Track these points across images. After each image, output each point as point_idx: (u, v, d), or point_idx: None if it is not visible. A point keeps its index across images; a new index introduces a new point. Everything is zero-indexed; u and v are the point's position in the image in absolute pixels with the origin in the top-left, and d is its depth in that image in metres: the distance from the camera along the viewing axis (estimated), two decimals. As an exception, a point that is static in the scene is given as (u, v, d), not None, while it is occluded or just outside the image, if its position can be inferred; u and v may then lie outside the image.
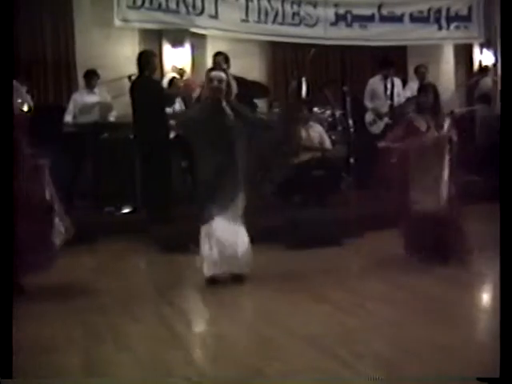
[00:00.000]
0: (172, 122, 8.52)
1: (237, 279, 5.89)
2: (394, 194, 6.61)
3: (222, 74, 5.86)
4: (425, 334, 4.50)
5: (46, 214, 5.62)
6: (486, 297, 5.70)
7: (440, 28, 12.51)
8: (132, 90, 8.20)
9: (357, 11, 12.08)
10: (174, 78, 9.89)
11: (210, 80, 5.83)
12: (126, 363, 4.20)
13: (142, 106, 7.97)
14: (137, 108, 8.10)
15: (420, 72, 11.01)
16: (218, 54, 8.75)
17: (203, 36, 11.38)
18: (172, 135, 8.73)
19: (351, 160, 9.85)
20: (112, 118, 9.82)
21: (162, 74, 10.47)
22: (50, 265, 5.70)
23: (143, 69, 8.14)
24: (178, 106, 9.40)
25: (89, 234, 7.90)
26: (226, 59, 8.54)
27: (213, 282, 5.85)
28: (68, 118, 9.52)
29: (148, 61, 8.17)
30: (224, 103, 5.75)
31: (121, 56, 10.88)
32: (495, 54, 12.54)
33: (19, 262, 5.36)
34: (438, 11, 12.39)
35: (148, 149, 7.92)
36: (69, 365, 4.18)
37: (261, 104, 10.29)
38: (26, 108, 9.12)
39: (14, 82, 6.69)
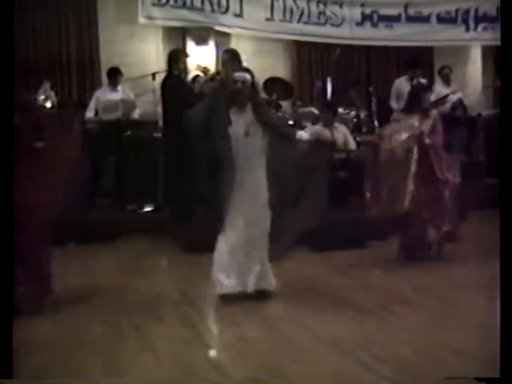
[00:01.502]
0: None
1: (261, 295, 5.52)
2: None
3: (247, 75, 5.51)
4: (445, 337, 4.46)
5: None
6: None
7: (468, 29, 12.36)
8: (162, 88, 8.15)
9: (383, 11, 12.00)
10: (197, 76, 9.85)
11: (233, 82, 5.52)
12: (148, 363, 4.18)
13: (171, 105, 7.93)
14: (166, 106, 8.06)
15: (444, 73, 10.89)
16: (224, 52, 8.67)
17: (227, 34, 11.34)
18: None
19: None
20: (135, 115, 9.78)
21: (186, 73, 10.42)
22: None
23: (172, 67, 8.09)
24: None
25: (111, 232, 7.89)
26: (234, 56, 8.37)
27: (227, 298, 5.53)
28: (89, 115, 9.49)
29: (177, 59, 8.12)
30: (248, 106, 5.48)
31: (145, 54, 10.88)
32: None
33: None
34: (466, 12, 12.24)
35: (176, 147, 7.84)
36: (91, 364, 4.17)
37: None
38: (49, 104, 9.13)
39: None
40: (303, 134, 8.71)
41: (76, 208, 6.89)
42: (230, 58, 8.28)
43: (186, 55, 8.51)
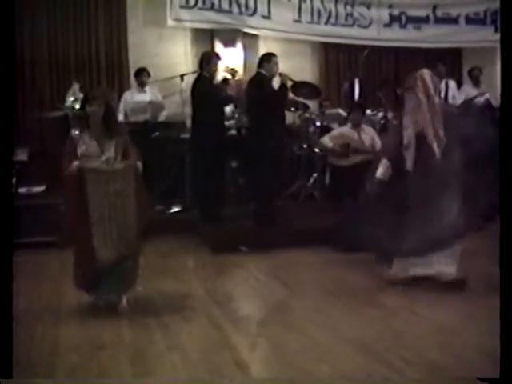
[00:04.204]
0: (226, 123, 8.55)
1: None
2: None
3: None
4: (474, 339, 4.45)
5: None
6: None
7: (497, 30, 12.27)
8: (192, 90, 8.19)
9: (411, 12, 11.99)
10: (226, 78, 9.88)
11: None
12: (175, 362, 4.21)
13: (201, 106, 7.97)
14: (196, 108, 8.09)
15: (474, 74, 10.83)
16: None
17: (255, 36, 11.36)
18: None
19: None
20: (163, 117, 9.84)
21: (216, 75, 10.47)
22: None
23: (203, 69, 8.13)
24: (229, 106, 9.39)
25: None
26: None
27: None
28: (119, 117, 9.54)
29: (209, 61, 8.15)
30: None
31: (173, 55, 10.94)
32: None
33: None
34: (495, 13, 12.15)
35: (204, 148, 7.88)
36: (116, 363, 4.22)
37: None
38: (78, 105, 9.22)
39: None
40: (327, 142, 8.80)
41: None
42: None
43: (219, 58, 8.53)
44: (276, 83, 7.93)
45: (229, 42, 11.07)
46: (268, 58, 7.98)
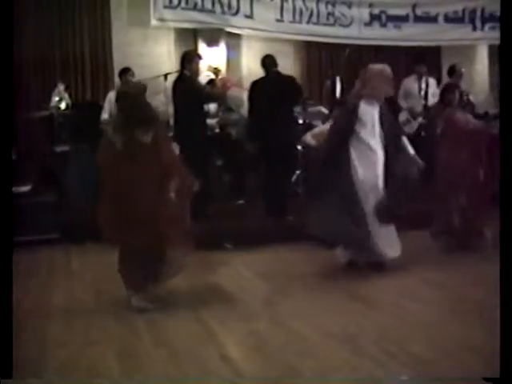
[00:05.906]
0: (210, 121, 8.65)
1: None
2: None
3: None
4: (458, 333, 4.54)
5: None
6: None
7: (475, 28, 12.46)
8: (173, 89, 8.28)
9: (391, 11, 12.11)
10: (212, 79, 9.98)
11: None
12: (162, 359, 4.29)
13: (182, 105, 8.05)
14: (177, 107, 8.18)
15: (455, 72, 10.97)
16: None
17: (238, 36, 11.47)
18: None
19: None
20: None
21: (198, 74, 10.57)
22: None
23: (185, 68, 8.21)
24: (212, 105, 9.51)
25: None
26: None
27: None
28: (105, 116, 9.62)
29: (191, 61, 8.23)
30: None
31: (157, 55, 11.03)
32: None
33: None
34: (473, 11, 12.35)
35: (187, 147, 7.97)
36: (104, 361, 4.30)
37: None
38: (63, 105, 9.31)
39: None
40: (309, 140, 8.94)
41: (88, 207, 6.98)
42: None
43: (200, 57, 8.62)
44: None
45: (212, 42, 11.16)
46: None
